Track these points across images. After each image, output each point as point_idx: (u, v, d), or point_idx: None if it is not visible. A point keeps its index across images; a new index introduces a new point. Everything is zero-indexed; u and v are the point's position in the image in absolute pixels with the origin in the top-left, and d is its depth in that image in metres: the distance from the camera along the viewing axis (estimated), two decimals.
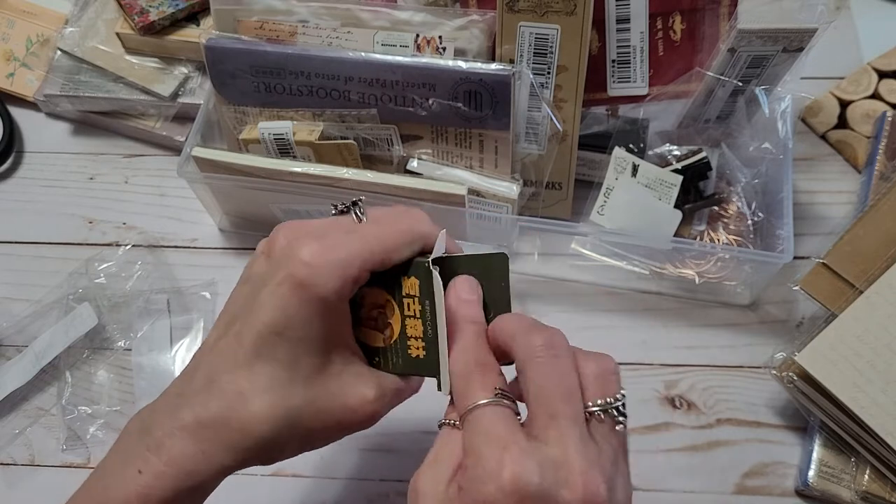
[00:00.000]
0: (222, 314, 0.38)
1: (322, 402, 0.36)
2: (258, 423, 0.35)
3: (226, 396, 0.35)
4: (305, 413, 0.36)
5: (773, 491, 0.53)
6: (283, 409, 0.35)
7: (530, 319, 0.36)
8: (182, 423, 0.35)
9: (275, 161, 0.56)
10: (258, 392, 0.35)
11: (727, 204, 0.60)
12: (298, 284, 0.35)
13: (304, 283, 0.35)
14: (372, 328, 0.40)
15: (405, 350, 0.39)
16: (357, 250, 0.36)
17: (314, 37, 0.57)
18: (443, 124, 0.56)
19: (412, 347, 0.39)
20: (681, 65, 0.57)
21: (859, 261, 0.53)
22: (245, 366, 0.36)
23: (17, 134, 0.72)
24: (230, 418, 0.35)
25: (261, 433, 0.35)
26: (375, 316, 0.40)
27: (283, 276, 0.35)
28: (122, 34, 0.67)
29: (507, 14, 0.53)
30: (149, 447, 0.35)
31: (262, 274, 0.37)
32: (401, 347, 0.39)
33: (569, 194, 0.62)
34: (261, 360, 0.35)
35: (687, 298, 0.61)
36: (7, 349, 0.61)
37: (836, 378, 0.49)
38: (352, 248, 0.36)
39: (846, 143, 0.67)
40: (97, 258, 0.63)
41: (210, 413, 0.35)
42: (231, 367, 0.36)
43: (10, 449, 0.57)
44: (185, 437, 0.35)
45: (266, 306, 0.35)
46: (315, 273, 0.35)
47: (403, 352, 0.39)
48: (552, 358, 0.34)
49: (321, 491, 0.54)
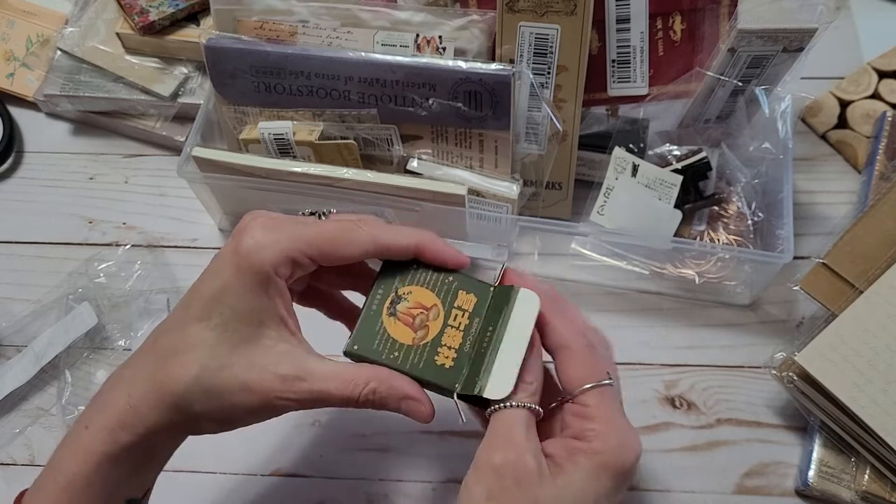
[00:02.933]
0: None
1: (239, 369, 0.38)
2: (175, 378, 0.37)
3: (158, 353, 0.39)
4: (221, 377, 0.38)
5: (773, 491, 0.53)
6: (200, 367, 0.37)
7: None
8: (121, 380, 0.39)
9: (275, 161, 0.56)
10: (184, 350, 0.38)
11: (727, 204, 0.60)
12: (239, 254, 0.38)
13: (244, 254, 0.38)
14: (406, 324, 0.41)
15: (432, 355, 0.40)
16: (299, 236, 0.39)
17: (314, 37, 0.57)
18: (443, 124, 0.56)
19: (441, 355, 0.40)
20: (681, 65, 0.57)
21: (859, 261, 0.53)
22: (182, 327, 0.39)
23: (17, 134, 0.72)
24: (157, 372, 0.38)
25: (176, 388, 0.37)
26: (415, 314, 0.41)
27: (231, 248, 0.39)
28: (122, 34, 0.67)
29: (507, 14, 0.53)
30: (95, 404, 0.39)
31: (222, 249, 0.40)
32: (429, 351, 0.40)
33: (569, 194, 0.62)
34: (196, 322, 0.38)
35: (687, 298, 0.61)
36: (7, 349, 0.61)
37: (835, 378, 0.49)
38: (295, 233, 0.39)
39: (846, 143, 0.67)
40: (97, 258, 0.63)
41: (143, 370, 0.39)
42: (171, 328, 0.39)
43: (10, 449, 0.57)
44: (121, 392, 0.38)
45: (210, 273, 0.39)
46: (256, 246, 0.38)
47: (430, 356, 0.40)
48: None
49: (321, 491, 0.54)
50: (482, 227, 0.58)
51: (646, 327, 0.60)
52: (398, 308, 0.41)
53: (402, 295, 0.41)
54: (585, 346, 0.40)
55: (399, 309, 0.41)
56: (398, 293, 0.41)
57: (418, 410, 0.40)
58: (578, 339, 0.40)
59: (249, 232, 0.38)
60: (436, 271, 0.42)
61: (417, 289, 0.41)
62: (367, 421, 0.56)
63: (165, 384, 0.38)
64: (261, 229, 0.39)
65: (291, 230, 0.39)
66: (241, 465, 0.55)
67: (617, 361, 0.58)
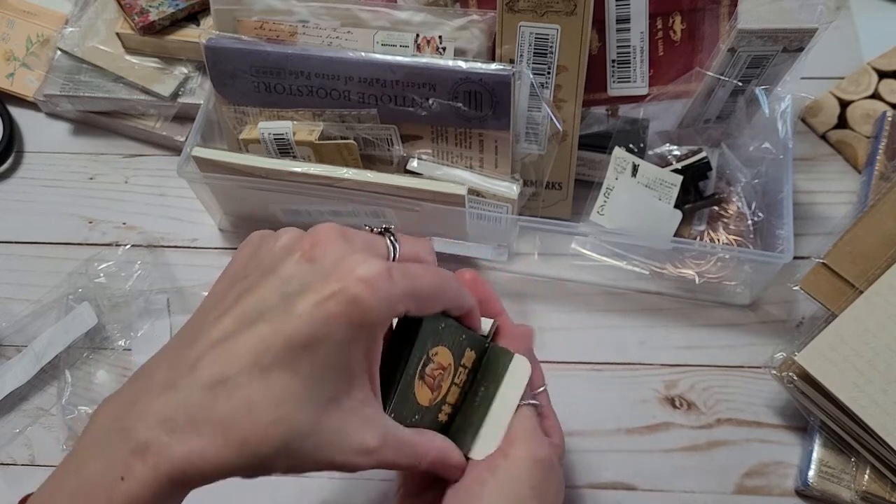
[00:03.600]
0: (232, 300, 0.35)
1: (326, 435, 0.33)
2: (259, 438, 0.32)
3: (233, 400, 0.32)
4: (307, 442, 0.33)
5: (773, 491, 0.53)
6: (289, 430, 0.32)
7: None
8: (173, 423, 0.32)
9: (275, 161, 0.56)
10: (269, 405, 0.32)
11: (727, 204, 0.60)
12: (352, 302, 0.32)
13: (359, 304, 0.32)
14: (429, 386, 0.39)
15: (436, 412, 0.39)
16: (411, 285, 0.34)
17: (314, 37, 0.57)
18: (443, 124, 0.56)
19: (442, 412, 0.40)
20: (681, 65, 0.57)
21: (859, 261, 0.53)
22: (263, 373, 0.32)
23: (17, 134, 0.72)
24: (231, 427, 0.32)
25: (257, 448, 0.32)
26: (436, 376, 0.39)
27: (336, 290, 0.32)
28: (122, 34, 0.67)
29: (507, 14, 0.53)
30: (132, 451, 0.31)
31: (302, 279, 0.33)
32: (434, 409, 0.39)
33: (569, 194, 0.62)
34: (281, 370, 0.32)
35: (687, 298, 0.61)
36: (7, 349, 0.61)
37: (835, 378, 0.49)
38: (414, 280, 0.34)
39: (846, 143, 0.67)
40: (97, 258, 0.63)
41: (210, 415, 0.32)
42: (246, 370, 0.32)
43: (10, 449, 0.57)
44: (173, 438, 0.31)
45: (306, 317, 0.32)
46: (374, 295, 0.32)
47: (434, 414, 0.39)
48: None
49: (321, 491, 0.54)
50: (482, 227, 0.58)
51: (646, 327, 0.60)
52: (426, 370, 0.38)
53: (431, 357, 0.38)
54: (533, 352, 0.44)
55: (427, 371, 0.38)
56: (429, 355, 0.38)
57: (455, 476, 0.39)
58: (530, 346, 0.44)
59: (358, 272, 0.32)
60: (456, 328, 0.40)
61: (442, 349, 0.39)
62: None
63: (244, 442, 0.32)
64: (374, 271, 0.33)
65: (406, 282, 0.34)
66: None
67: (617, 361, 0.59)
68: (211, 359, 0.32)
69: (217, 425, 0.31)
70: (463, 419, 0.40)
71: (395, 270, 0.34)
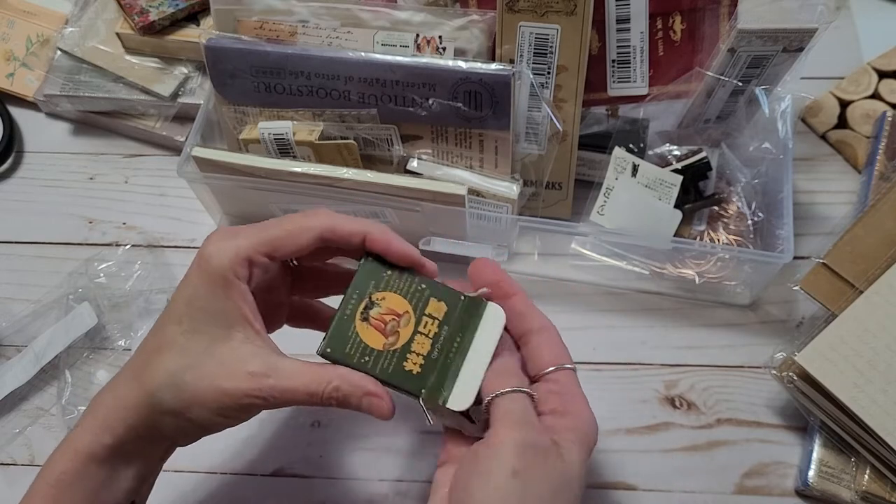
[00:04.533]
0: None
1: (209, 368, 0.40)
2: (150, 376, 0.40)
3: (140, 355, 0.41)
4: (193, 375, 0.39)
5: (773, 491, 0.53)
6: (174, 364, 0.39)
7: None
8: (112, 382, 0.42)
9: (275, 161, 0.56)
10: (159, 350, 0.40)
11: (727, 204, 0.60)
12: (202, 259, 0.41)
13: (205, 259, 0.41)
14: (378, 329, 0.42)
15: (401, 361, 0.41)
16: (253, 235, 0.41)
17: (314, 37, 0.57)
18: (443, 124, 0.56)
19: (409, 361, 0.41)
20: (681, 65, 0.57)
21: (859, 261, 0.53)
22: (160, 330, 0.41)
23: (17, 134, 0.72)
24: (135, 371, 0.41)
25: (150, 385, 0.40)
26: (387, 321, 0.42)
27: (196, 257, 0.41)
28: (122, 34, 0.67)
29: (507, 14, 0.53)
30: (89, 405, 0.41)
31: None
32: (398, 357, 0.41)
33: (569, 194, 0.62)
34: (171, 324, 0.41)
35: (687, 298, 0.61)
36: (7, 349, 0.61)
37: (835, 378, 0.49)
38: (249, 234, 0.41)
39: (846, 143, 0.67)
40: (97, 258, 0.63)
41: (127, 371, 0.41)
42: (153, 332, 0.41)
43: (10, 449, 0.57)
44: (108, 392, 0.41)
45: (183, 280, 0.41)
46: (215, 251, 0.40)
47: (399, 362, 0.41)
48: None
49: (321, 491, 0.54)
50: (482, 227, 0.58)
51: (646, 327, 0.60)
52: (371, 314, 0.42)
53: (375, 301, 0.42)
54: (556, 331, 0.43)
55: (372, 314, 0.42)
56: (372, 299, 0.42)
57: (379, 406, 0.41)
58: (550, 324, 0.43)
59: (210, 240, 0.41)
60: (410, 278, 0.43)
61: (391, 295, 0.42)
62: (368, 421, 0.56)
63: (142, 381, 0.40)
64: (219, 236, 0.41)
65: (246, 233, 0.41)
66: (241, 466, 0.55)
67: (617, 361, 0.59)
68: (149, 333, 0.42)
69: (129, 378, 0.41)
70: (441, 371, 0.41)
71: (243, 230, 0.42)
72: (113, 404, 0.40)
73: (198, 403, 0.39)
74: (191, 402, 0.39)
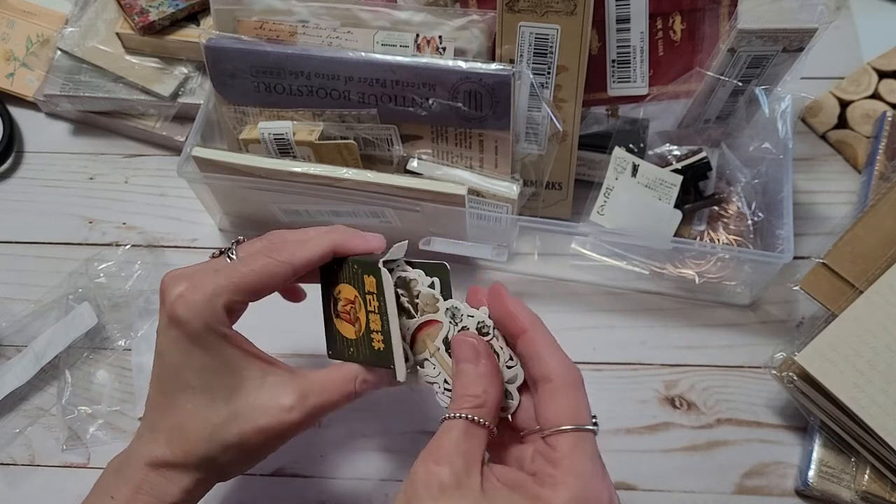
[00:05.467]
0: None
1: (245, 414, 0.40)
2: (193, 446, 0.40)
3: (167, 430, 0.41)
4: (232, 428, 0.40)
5: (773, 491, 0.53)
6: (211, 427, 0.40)
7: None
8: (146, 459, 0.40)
9: (275, 161, 0.56)
10: (188, 420, 0.40)
11: (727, 204, 0.60)
12: (175, 322, 0.39)
13: (179, 320, 0.39)
14: (347, 321, 0.43)
15: (370, 342, 0.42)
16: (222, 285, 0.40)
17: (314, 37, 0.57)
18: (443, 124, 0.56)
19: (375, 340, 0.42)
20: (681, 65, 0.57)
21: (859, 261, 0.53)
22: (170, 401, 0.41)
23: (17, 134, 0.72)
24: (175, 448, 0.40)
25: (197, 454, 0.40)
26: (349, 310, 0.43)
27: (165, 318, 0.40)
28: (122, 34, 0.67)
29: (507, 14, 0.53)
30: (121, 478, 0.41)
31: (159, 322, 0.41)
32: (367, 340, 0.42)
33: (569, 194, 0.62)
34: (180, 392, 0.40)
35: (687, 298, 0.61)
36: (7, 349, 0.61)
37: (835, 378, 0.49)
38: (217, 283, 0.40)
39: (846, 143, 0.67)
40: (97, 258, 0.63)
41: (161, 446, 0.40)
42: (163, 407, 0.41)
43: (10, 449, 0.57)
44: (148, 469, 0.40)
45: (162, 349, 0.41)
46: (185, 310, 0.39)
47: (368, 343, 0.42)
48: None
49: (321, 491, 0.54)
50: (482, 227, 0.58)
51: (646, 327, 0.60)
52: (339, 309, 0.44)
53: (336, 296, 0.44)
54: (572, 383, 0.36)
55: (339, 309, 0.44)
56: (334, 295, 0.44)
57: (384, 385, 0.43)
58: (566, 374, 0.36)
59: (178, 300, 0.39)
60: (349, 262, 0.43)
61: (343, 286, 0.43)
62: (368, 421, 0.56)
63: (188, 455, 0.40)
64: (180, 291, 0.40)
65: (210, 282, 0.40)
66: None
67: (617, 361, 0.59)
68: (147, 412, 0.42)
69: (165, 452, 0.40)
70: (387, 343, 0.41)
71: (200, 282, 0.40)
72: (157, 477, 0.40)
73: (245, 451, 0.41)
74: (240, 452, 0.41)
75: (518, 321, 0.38)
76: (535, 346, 0.37)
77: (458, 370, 0.38)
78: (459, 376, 0.38)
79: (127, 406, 0.58)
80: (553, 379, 0.36)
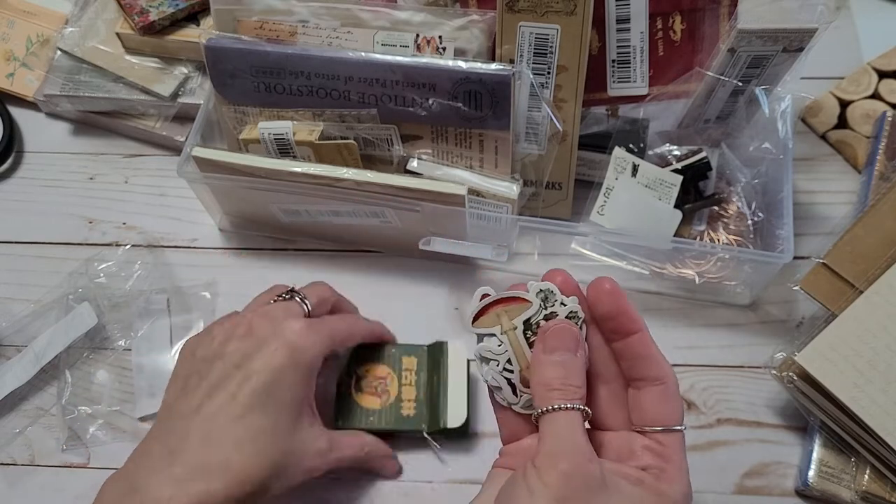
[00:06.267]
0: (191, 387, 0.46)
1: (296, 451, 0.46)
2: (253, 466, 0.43)
3: (224, 445, 0.43)
4: (286, 460, 0.45)
5: (773, 491, 0.53)
6: (272, 454, 0.44)
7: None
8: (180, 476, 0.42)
9: (275, 161, 0.56)
10: (251, 440, 0.43)
11: (727, 204, 0.60)
12: (293, 350, 0.45)
13: (298, 349, 0.46)
14: (372, 394, 0.54)
15: (398, 409, 0.54)
16: (331, 336, 0.49)
17: (314, 37, 0.57)
18: (443, 124, 0.56)
19: (405, 407, 0.54)
20: (681, 65, 0.57)
21: (859, 261, 0.53)
22: (240, 418, 0.43)
23: (17, 134, 0.72)
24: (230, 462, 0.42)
25: (256, 475, 0.43)
26: (376, 385, 0.55)
27: (279, 344, 0.46)
28: (122, 34, 0.67)
29: (507, 14, 0.53)
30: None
31: (246, 350, 0.46)
32: (394, 408, 0.54)
33: (569, 194, 0.62)
34: (253, 413, 0.44)
35: (687, 298, 0.61)
36: (7, 349, 0.61)
37: (835, 378, 0.49)
38: (327, 334, 0.49)
39: (846, 143, 0.67)
40: (97, 258, 0.63)
41: (210, 459, 0.42)
42: (227, 421, 0.43)
43: (10, 449, 0.57)
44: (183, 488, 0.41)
45: (263, 370, 0.45)
46: (305, 343, 0.46)
47: (396, 411, 0.54)
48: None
49: (321, 491, 0.54)
50: (482, 227, 0.58)
51: None
52: (362, 384, 0.55)
53: (361, 375, 0.55)
54: (677, 386, 0.38)
55: (363, 385, 0.55)
56: (358, 375, 0.55)
57: (392, 467, 0.54)
58: (675, 377, 0.37)
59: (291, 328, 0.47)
60: (379, 349, 0.56)
61: (372, 366, 0.55)
62: None
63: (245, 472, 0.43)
64: (301, 327, 0.47)
65: (325, 331, 0.49)
66: None
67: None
68: (196, 425, 0.44)
69: (216, 468, 0.42)
70: (432, 405, 0.54)
71: (314, 324, 0.48)
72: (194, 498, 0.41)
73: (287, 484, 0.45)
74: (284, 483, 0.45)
75: (635, 320, 0.37)
76: (649, 347, 0.37)
77: (559, 360, 0.37)
78: (562, 366, 0.37)
79: (127, 406, 0.58)
80: (667, 381, 0.37)
